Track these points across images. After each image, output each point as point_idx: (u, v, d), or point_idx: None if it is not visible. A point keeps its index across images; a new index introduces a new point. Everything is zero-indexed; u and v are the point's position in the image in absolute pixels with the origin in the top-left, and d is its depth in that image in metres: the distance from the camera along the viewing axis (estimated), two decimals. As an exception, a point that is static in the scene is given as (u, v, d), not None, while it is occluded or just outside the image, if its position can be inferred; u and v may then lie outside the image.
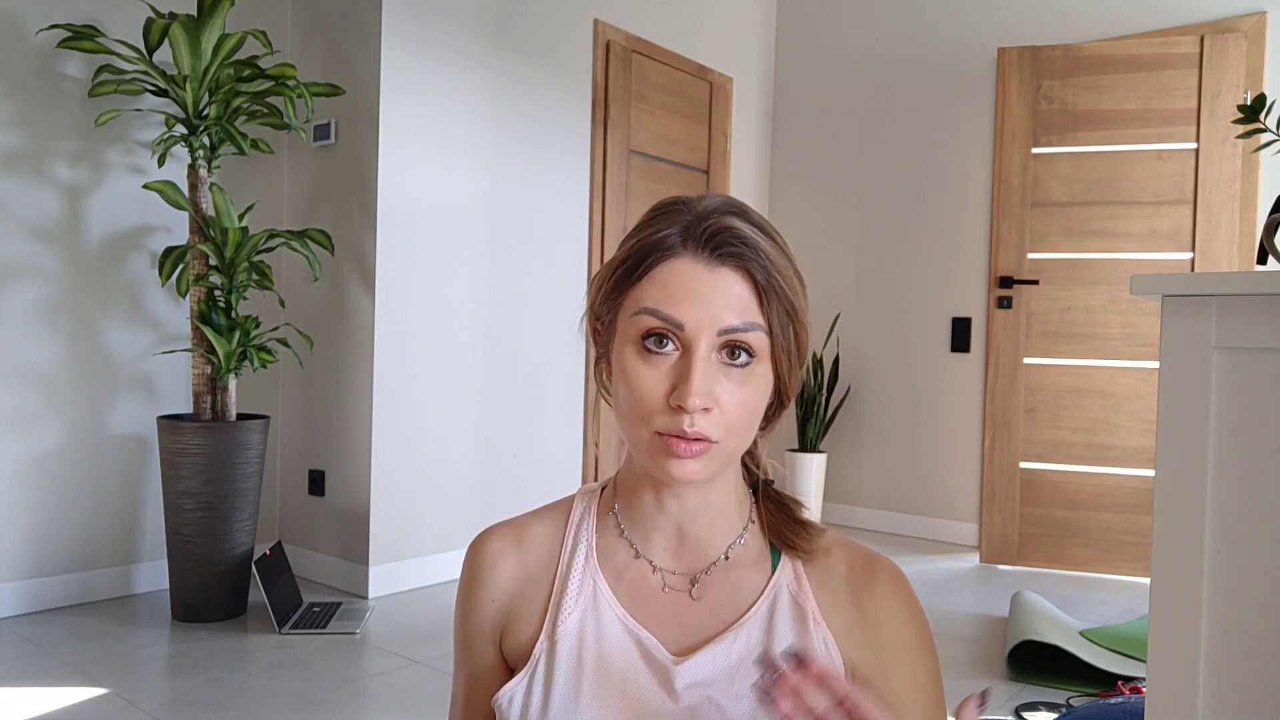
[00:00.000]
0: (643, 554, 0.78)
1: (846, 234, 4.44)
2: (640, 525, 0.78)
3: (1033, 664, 2.43)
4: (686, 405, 0.67)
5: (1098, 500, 3.52)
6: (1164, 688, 0.82)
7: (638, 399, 0.70)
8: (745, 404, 0.70)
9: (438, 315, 3.15)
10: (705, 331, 0.68)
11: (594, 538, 0.80)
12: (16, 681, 2.15)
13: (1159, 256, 3.47)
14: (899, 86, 4.28)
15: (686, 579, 0.77)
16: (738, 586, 0.77)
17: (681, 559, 0.78)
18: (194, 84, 2.60)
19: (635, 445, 0.72)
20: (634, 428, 0.71)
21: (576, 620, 0.76)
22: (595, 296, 0.76)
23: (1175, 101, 3.43)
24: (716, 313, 0.68)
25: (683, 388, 0.67)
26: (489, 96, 3.29)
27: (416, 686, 2.23)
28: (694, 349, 0.68)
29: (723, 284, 0.69)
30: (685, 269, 0.69)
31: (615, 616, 0.76)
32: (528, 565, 0.80)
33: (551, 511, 0.83)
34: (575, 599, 0.77)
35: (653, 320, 0.69)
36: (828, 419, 4.29)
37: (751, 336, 0.69)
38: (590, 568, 0.78)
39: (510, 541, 0.81)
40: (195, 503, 2.60)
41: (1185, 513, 0.82)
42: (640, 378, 0.70)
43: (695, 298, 0.68)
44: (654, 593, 0.77)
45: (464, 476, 3.24)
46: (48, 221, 2.70)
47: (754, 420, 0.72)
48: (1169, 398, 0.83)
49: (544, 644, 0.76)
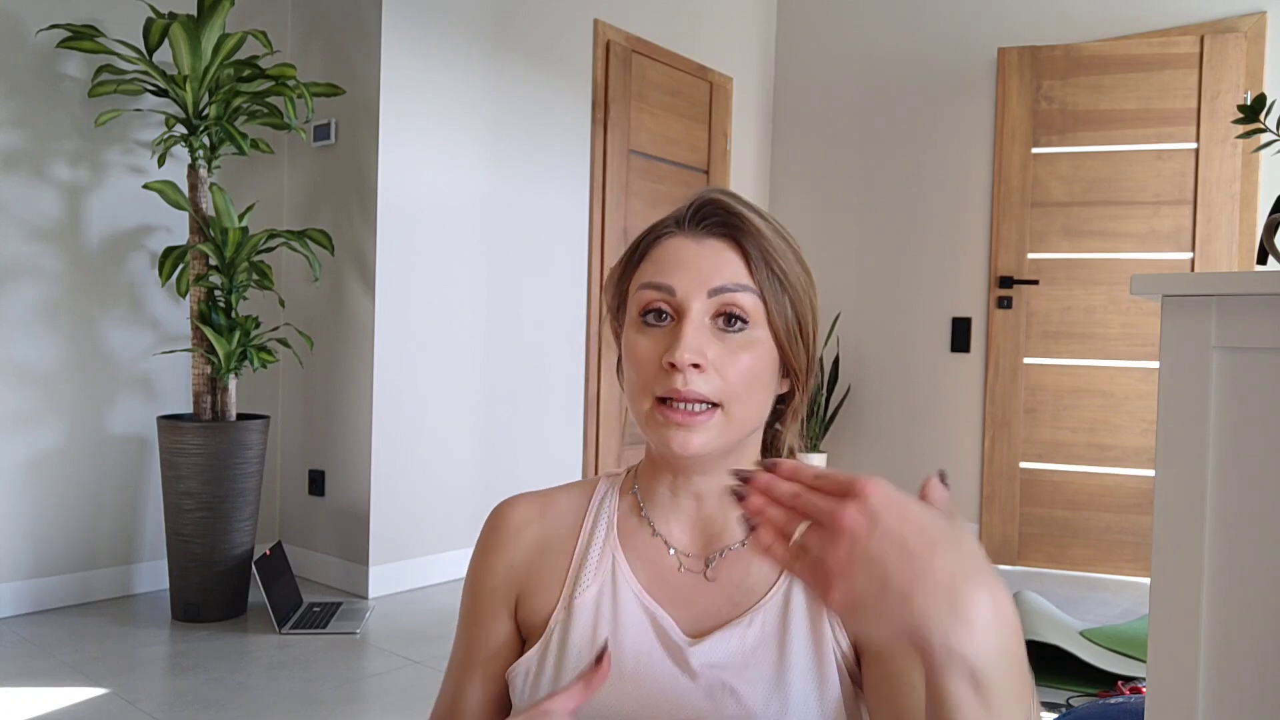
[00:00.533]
0: (659, 533, 0.79)
1: (846, 234, 4.44)
2: (659, 506, 0.80)
3: (1033, 664, 2.41)
4: (676, 360, 0.69)
5: (1098, 500, 3.52)
6: (1164, 688, 0.82)
7: (635, 368, 0.73)
8: (745, 369, 0.71)
9: (438, 315, 3.15)
10: (695, 293, 0.71)
11: (615, 514, 0.81)
12: (16, 681, 2.15)
13: (1159, 256, 3.47)
14: (899, 86, 4.28)
15: (701, 560, 0.78)
16: (751, 569, 0.77)
17: (697, 540, 0.79)
18: (194, 84, 2.60)
19: (640, 421, 0.74)
20: (636, 402, 0.73)
21: (594, 593, 0.77)
22: (608, 293, 0.80)
23: (1175, 101, 3.43)
24: (705, 275, 0.71)
25: (674, 347, 0.70)
26: (489, 96, 3.29)
27: (416, 686, 2.23)
28: (686, 311, 0.71)
29: (711, 251, 0.73)
30: (676, 244, 0.74)
31: (632, 593, 0.77)
32: (549, 536, 0.81)
33: (577, 488, 0.85)
34: (594, 572, 0.78)
35: (648, 293, 0.73)
36: (828, 419, 4.29)
37: (741, 297, 0.71)
38: (610, 543, 0.79)
39: (535, 511, 0.82)
40: (195, 503, 2.60)
41: (1185, 513, 0.81)
42: (638, 348, 0.73)
43: (684, 265, 0.72)
44: (670, 572, 0.78)
45: (464, 476, 3.24)
46: (48, 221, 2.70)
47: (756, 387, 0.73)
48: (1169, 398, 0.83)
49: (560, 615, 0.77)
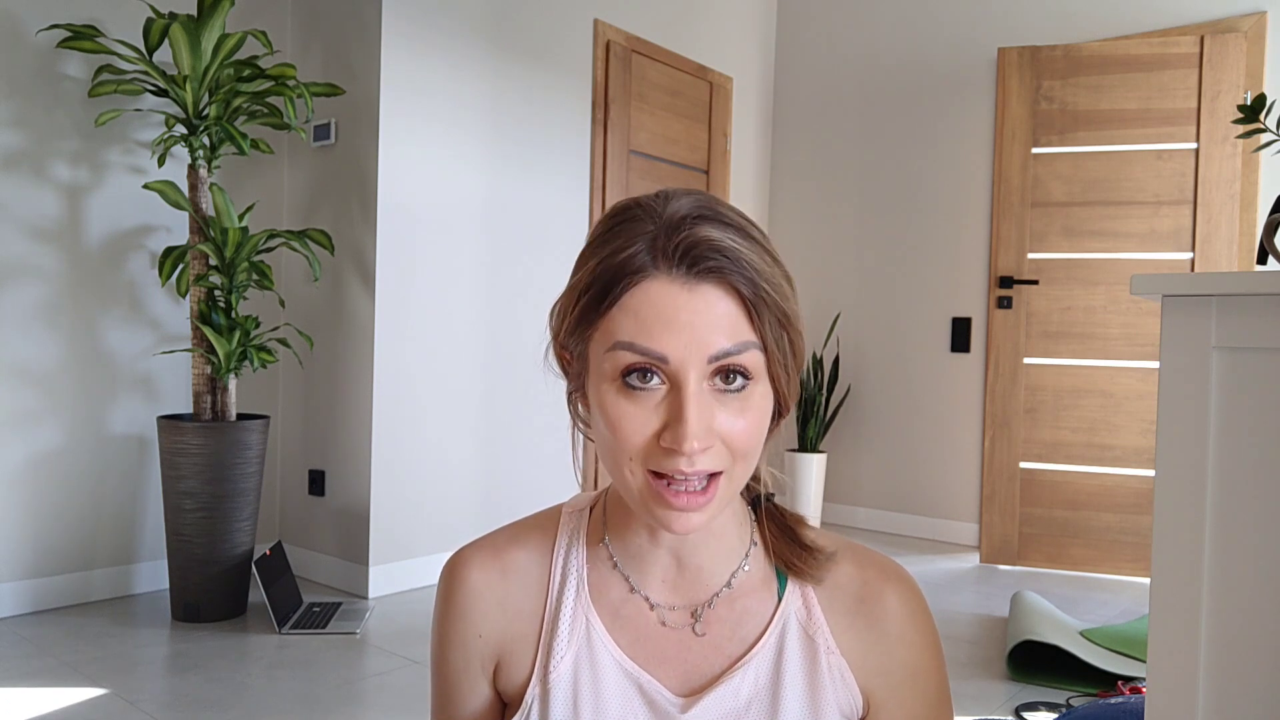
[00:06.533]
0: (638, 589, 0.72)
1: (846, 234, 4.44)
2: (634, 558, 0.72)
3: (1033, 664, 2.43)
4: (683, 449, 0.59)
5: (1098, 500, 3.52)
6: (1164, 688, 0.82)
7: (623, 440, 0.61)
8: (749, 432, 0.62)
9: (438, 315, 3.15)
10: (693, 361, 0.59)
11: (584, 569, 0.73)
12: (16, 681, 2.15)
13: (1159, 256, 3.47)
14: (899, 86, 4.28)
15: (687, 612, 0.71)
16: (742, 618, 0.71)
17: (680, 591, 0.71)
18: (194, 84, 2.60)
19: (626, 492, 0.64)
20: (622, 472, 0.63)
21: (570, 664, 0.70)
22: (559, 327, 0.67)
23: (1175, 101, 3.43)
24: (703, 337, 0.59)
25: (676, 429, 0.59)
26: (489, 96, 3.29)
27: (416, 686, 2.23)
28: (683, 383, 0.60)
29: (705, 304, 0.60)
30: (660, 292, 0.60)
31: (612, 659, 0.70)
32: (514, 597, 0.73)
33: (535, 533, 0.75)
34: (568, 640, 0.70)
35: (631, 356, 0.60)
36: (828, 419, 4.29)
37: (746, 358, 0.61)
38: (582, 604, 0.71)
39: (495, 572, 0.73)
40: (195, 503, 2.60)
41: (1185, 513, 0.81)
42: (624, 418, 0.61)
43: (676, 324, 0.59)
44: (653, 630, 0.71)
45: (464, 476, 3.24)
46: (48, 221, 2.70)
47: (760, 443, 0.64)
48: (1169, 398, 0.83)
49: (535, 690, 0.70)
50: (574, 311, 0.64)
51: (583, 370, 0.66)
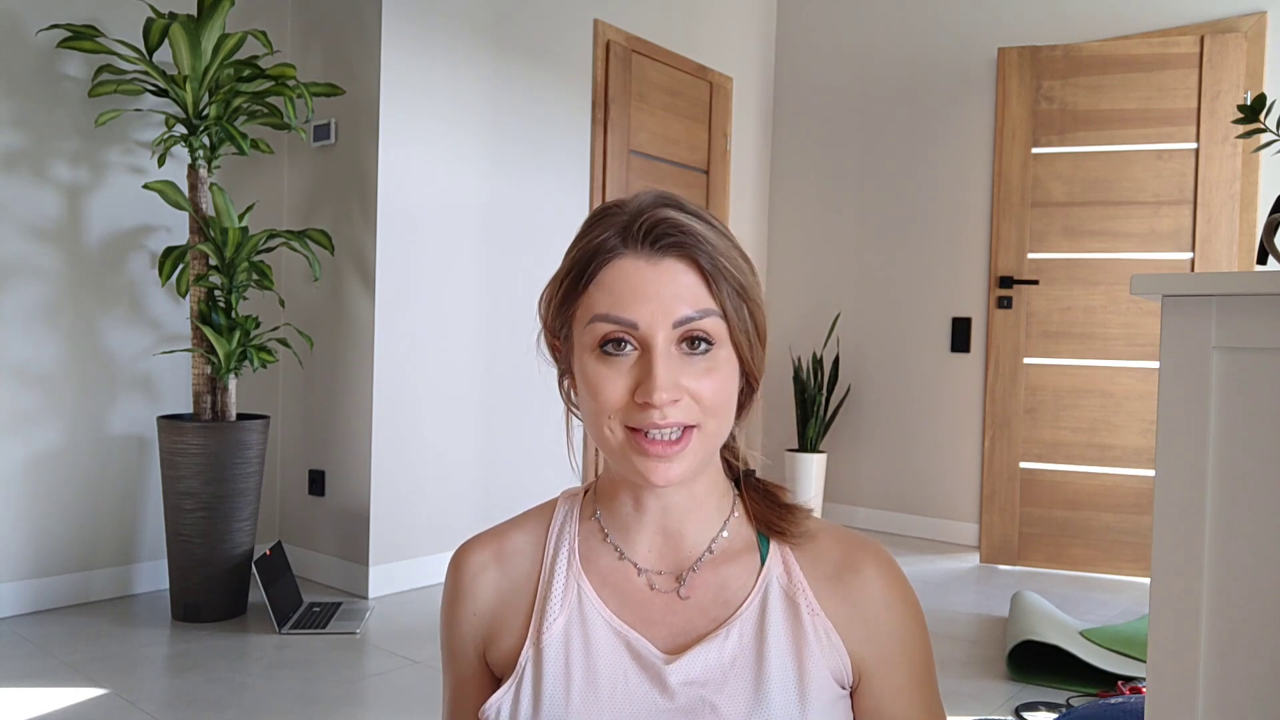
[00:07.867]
0: (626, 556, 0.77)
1: (846, 234, 4.44)
2: (622, 527, 0.78)
3: (1033, 664, 2.43)
4: (653, 400, 0.67)
5: (1098, 500, 3.52)
6: (1164, 688, 0.82)
7: (602, 400, 0.69)
8: (715, 388, 0.70)
9: (438, 315, 3.15)
10: (660, 326, 0.68)
11: (576, 541, 0.78)
12: (16, 681, 2.15)
13: (1159, 256, 3.47)
14: (899, 86, 4.28)
15: (673, 577, 0.76)
16: (726, 582, 0.75)
17: (666, 557, 0.77)
18: (194, 84, 2.60)
19: (608, 450, 0.71)
20: (601, 430, 0.70)
21: (562, 626, 0.75)
22: (547, 313, 0.76)
23: (1175, 101, 3.43)
24: (668, 305, 0.68)
25: (646, 383, 0.67)
26: (489, 96, 3.29)
27: (416, 686, 2.23)
28: (652, 345, 0.68)
29: (669, 275, 0.69)
30: (629, 268, 0.69)
31: (602, 620, 0.75)
32: (510, 576, 0.79)
33: (533, 518, 0.82)
34: (560, 605, 0.75)
35: (606, 325, 0.69)
36: (828, 419, 4.29)
37: (707, 323, 0.69)
38: (574, 572, 0.77)
39: (491, 553, 0.80)
40: (195, 503, 2.60)
41: (1185, 513, 0.81)
42: (602, 380, 0.69)
43: (644, 295, 0.68)
44: (641, 594, 0.76)
45: (464, 476, 3.24)
46: (48, 221, 2.70)
47: (730, 404, 0.72)
48: (1169, 398, 0.83)
49: (529, 651, 0.75)
50: (559, 294, 0.74)
51: (569, 352, 0.74)
